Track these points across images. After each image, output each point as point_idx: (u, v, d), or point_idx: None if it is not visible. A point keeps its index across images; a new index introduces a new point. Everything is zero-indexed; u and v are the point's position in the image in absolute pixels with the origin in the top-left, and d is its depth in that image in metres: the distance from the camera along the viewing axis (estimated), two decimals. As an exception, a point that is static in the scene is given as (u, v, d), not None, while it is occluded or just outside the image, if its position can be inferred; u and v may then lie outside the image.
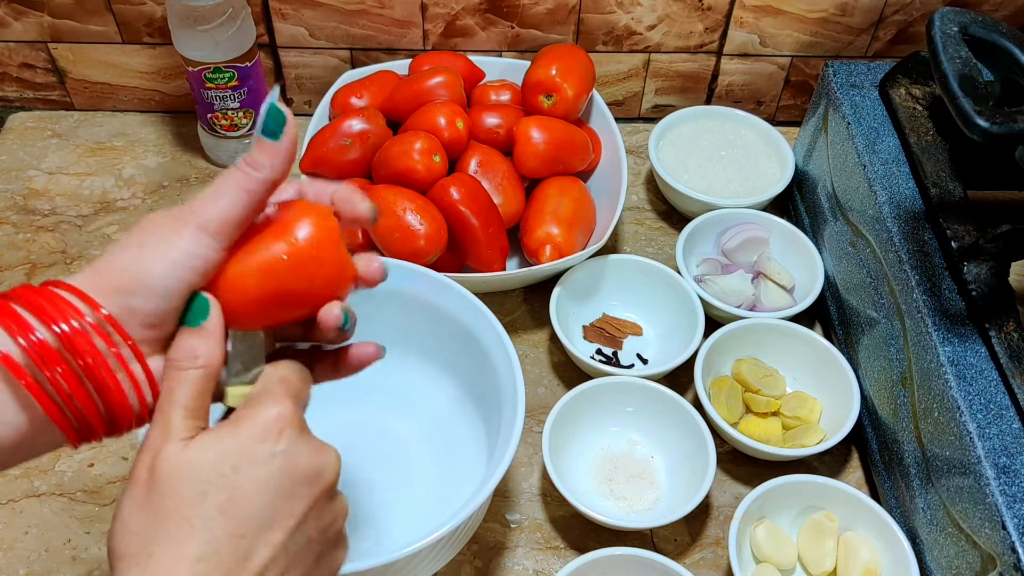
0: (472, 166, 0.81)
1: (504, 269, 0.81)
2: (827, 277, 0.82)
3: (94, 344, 0.40)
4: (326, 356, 0.52)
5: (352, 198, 0.46)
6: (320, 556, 0.44)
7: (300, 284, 0.44)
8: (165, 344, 0.43)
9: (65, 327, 0.39)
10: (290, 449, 0.42)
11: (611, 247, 0.88)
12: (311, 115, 0.89)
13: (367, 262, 0.48)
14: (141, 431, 0.43)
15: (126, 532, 0.39)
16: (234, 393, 0.43)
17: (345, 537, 0.46)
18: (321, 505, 0.43)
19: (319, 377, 0.52)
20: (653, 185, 0.95)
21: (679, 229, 0.84)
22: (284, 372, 0.44)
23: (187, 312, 0.42)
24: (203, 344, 0.42)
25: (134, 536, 0.39)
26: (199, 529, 0.38)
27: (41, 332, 0.39)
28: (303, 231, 0.43)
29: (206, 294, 0.42)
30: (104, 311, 0.40)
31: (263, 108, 0.42)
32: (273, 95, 0.43)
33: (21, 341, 0.39)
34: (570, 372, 0.80)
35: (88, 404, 0.40)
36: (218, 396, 0.44)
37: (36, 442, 0.41)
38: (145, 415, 0.42)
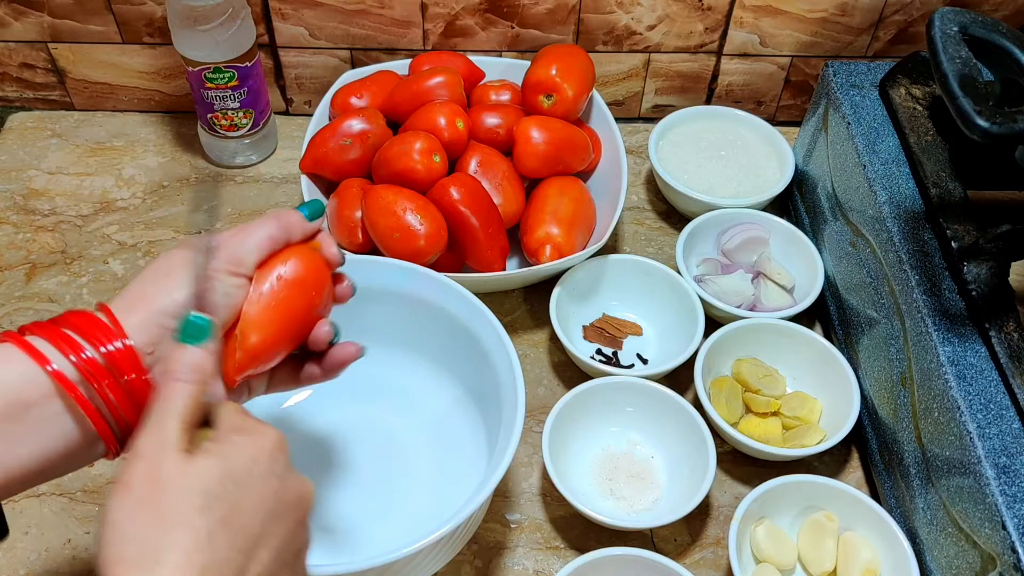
0: (472, 166, 0.81)
1: (504, 269, 0.81)
2: (827, 277, 0.82)
3: (138, 361, 0.45)
4: (314, 360, 0.57)
5: (326, 241, 0.54)
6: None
7: (302, 309, 0.52)
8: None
9: (111, 347, 0.45)
10: (284, 473, 0.44)
11: (611, 247, 0.88)
12: (311, 115, 0.89)
13: (341, 284, 0.57)
14: None
15: (123, 538, 0.39)
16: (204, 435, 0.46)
17: (305, 568, 0.47)
18: (298, 531, 0.45)
19: (310, 380, 0.57)
20: (653, 185, 0.95)
21: (679, 229, 0.84)
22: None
23: (187, 330, 0.45)
24: (206, 362, 0.44)
25: (134, 542, 0.38)
26: (205, 539, 0.39)
27: (90, 351, 0.45)
28: (296, 265, 0.51)
29: (205, 315, 0.45)
30: (129, 341, 0.46)
31: (313, 202, 0.54)
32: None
33: (72, 359, 0.44)
34: (570, 372, 0.80)
35: (132, 416, 0.45)
36: None
37: (81, 454, 0.46)
38: None
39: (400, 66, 0.92)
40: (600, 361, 0.79)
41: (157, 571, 0.38)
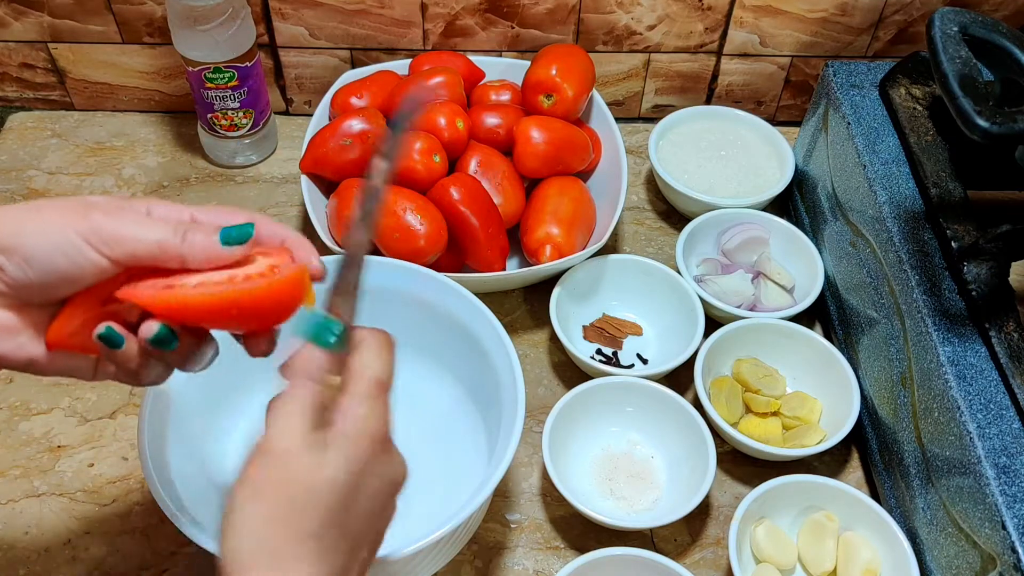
0: (472, 166, 0.81)
1: (504, 269, 0.81)
2: (827, 277, 0.82)
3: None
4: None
5: (304, 249, 0.49)
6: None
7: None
8: (35, 308, 0.45)
9: None
10: (387, 468, 0.43)
11: (611, 247, 0.88)
12: (311, 115, 0.89)
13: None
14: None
15: (254, 542, 0.39)
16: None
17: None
18: (391, 516, 0.45)
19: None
20: (653, 185, 0.95)
21: (679, 229, 0.84)
22: (375, 374, 0.44)
23: (329, 334, 0.43)
24: (353, 361, 0.43)
25: (263, 547, 0.38)
26: (327, 547, 0.39)
27: None
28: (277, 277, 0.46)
29: (343, 323, 0.44)
30: None
31: (244, 225, 0.46)
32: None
33: None
34: (570, 372, 0.80)
35: None
36: None
37: None
38: None
39: (400, 66, 0.92)
40: (600, 361, 0.79)
41: None
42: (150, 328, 0.45)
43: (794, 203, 0.91)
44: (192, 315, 0.45)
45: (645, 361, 0.80)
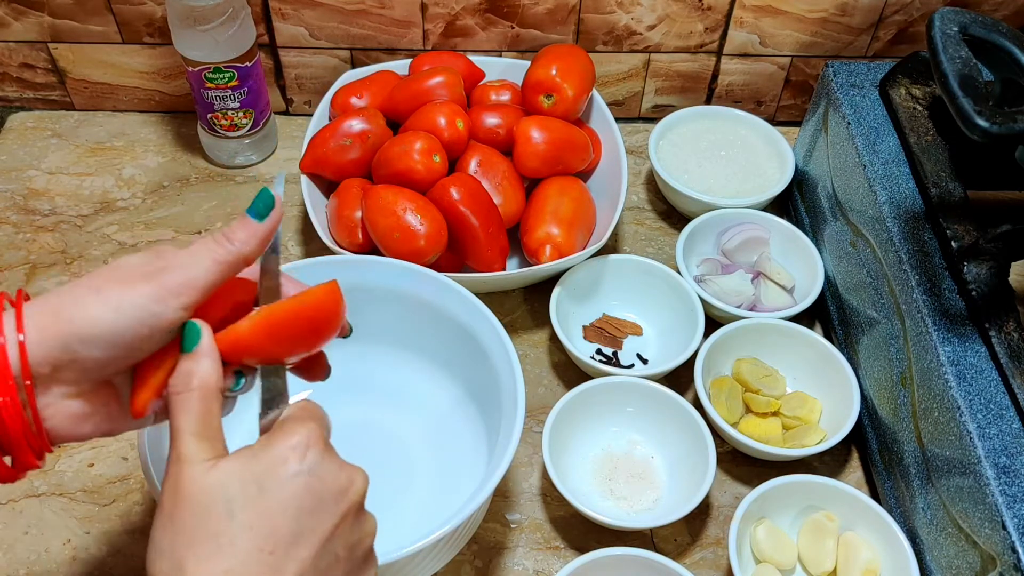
0: (472, 166, 0.81)
1: (504, 269, 0.81)
2: (827, 277, 0.82)
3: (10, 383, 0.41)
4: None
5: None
6: (348, 574, 0.45)
7: (312, 333, 0.48)
8: (102, 385, 0.45)
9: None
10: (314, 468, 0.43)
11: (611, 247, 0.88)
12: (311, 115, 0.89)
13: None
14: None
15: (157, 554, 0.40)
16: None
17: (374, 556, 0.47)
18: (349, 523, 0.44)
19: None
20: (653, 185, 0.95)
21: (679, 229, 0.84)
22: (305, 402, 0.46)
23: (181, 341, 0.44)
24: (196, 366, 0.43)
25: (165, 556, 0.40)
26: (227, 545, 0.40)
27: None
28: (319, 295, 0.47)
29: (196, 321, 0.44)
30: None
31: (260, 191, 0.46)
32: (278, 181, 0.47)
33: None
34: (570, 372, 0.80)
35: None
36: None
37: None
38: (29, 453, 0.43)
39: (400, 66, 0.92)
40: (600, 361, 0.79)
41: None
42: (229, 380, 0.47)
43: (794, 203, 0.91)
44: (263, 344, 0.46)
45: (645, 361, 0.80)
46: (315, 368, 0.52)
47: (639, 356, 0.80)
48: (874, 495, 0.73)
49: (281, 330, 0.46)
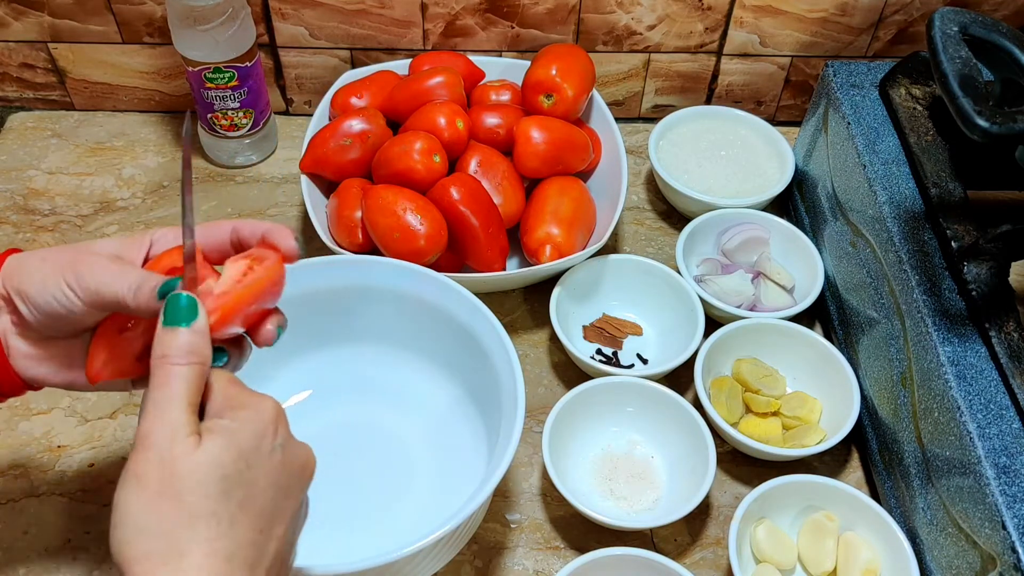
0: (472, 166, 0.81)
1: (504, 269, 0.81)
2: (827, 277, 0.82)
3: None
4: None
5: (283, 234, 0.51)
6: (294, 546, 0.46)
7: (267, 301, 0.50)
8: (37, 340, 0.50)
9: None
10: (285, 443, 0.44)
11: (611, 247, 0.88)
12: (311, 115, 0.89)
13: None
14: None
15: (145, 533, 0.38)
16: None
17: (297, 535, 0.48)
18: (304, 499, 0.46)
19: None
20: (653, 185, 0.95)
21: (679, 229, 0.84)
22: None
23: (172, 312, 0.44)
24: (198, 340, 0.43)
25: (157, 537, 0.38)
26: (227, 526, 0.39)
27: None
28: (270, 262, 0.50)
29: (189, 294, 0.44)
30: None
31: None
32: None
33: None
34: (570, 372, 0.80)
35: None
36: None
37: None
38: None
39: (400, 66, 0.92)
40: (600, 361, 0.79)
41: (183, 563, 0.38)
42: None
43: (794, 203, 0.91)
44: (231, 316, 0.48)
45: (645, 361, 0.80)
46: (262, 331, 0.51)
47: (639, 356, 0.80)
48: (874, 495, 0.73)
49: (258, 298, 0.48)
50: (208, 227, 0.51)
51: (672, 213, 0.93)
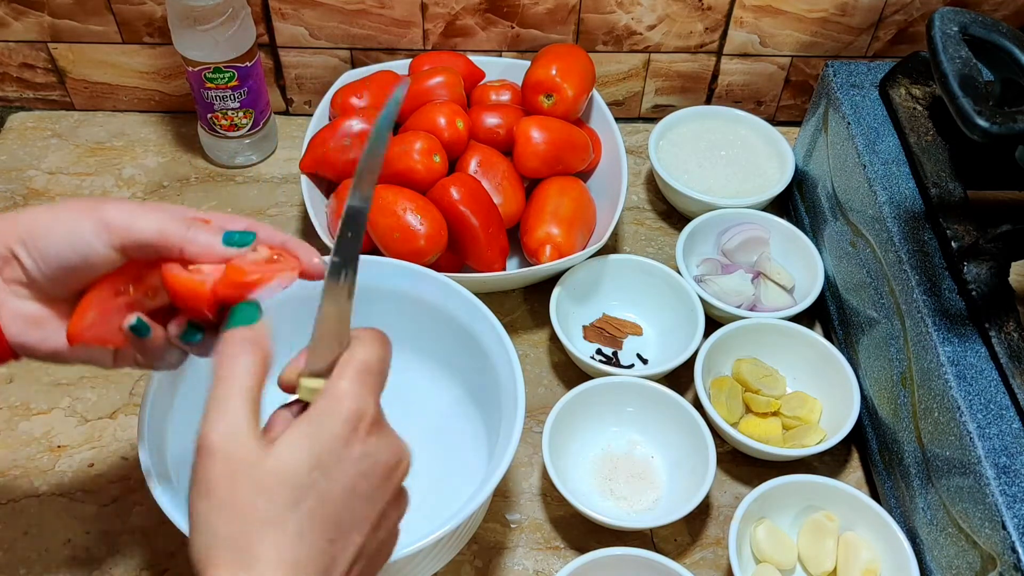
0: (472, 166, 0.81)
1: (504, 269, 0.81)
2: (827, 277, 0.82)
3: None
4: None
5: (308, 252, 0.50)
6: (382, 551, 0.45)
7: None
8: (40, 298, 0.49)
9: None
10: (370, 451, 0.42)
11: (611, 247, 0.88)
12: (311, 115, 0.89)
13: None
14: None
15: (215, 540, 0.38)
16: (307, 386, 0.43)
17: (399, 531, 0.47)
18: (393, 503, 0.44)
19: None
20: (653, 185, 0.95)
21: (679, 229, 0.84)
22: (361, 357, 0.43)
23: (236, 316, 0.44)
24: (261, 334, 0.43)
25: (226, 545, 0.38)
26: (294, 534, 0.39)
27: None
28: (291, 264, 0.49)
29: (255, 301, 0.45)
30: None
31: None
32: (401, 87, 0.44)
33: None
34: (570, 372, 0.80)
35: None
36: (289, 389, 0.44)
37: None
38: None
39: (400, 66, 0.92)
40: (600, 361, 0.79)
41: (252, 571, 0.38)
42: (179, 327, 0.48)
43: (794, 203, 0.91)
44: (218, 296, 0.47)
45: (645, 361, 0.80)
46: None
47: (639, 356, 0.80)
48: (874, 495, 0.73)
49: (265, 288, 0.47)
50: (227, 219, 0.49)
51: (672, 213, 0.93)
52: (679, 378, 0.78)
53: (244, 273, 0.46)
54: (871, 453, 0.74)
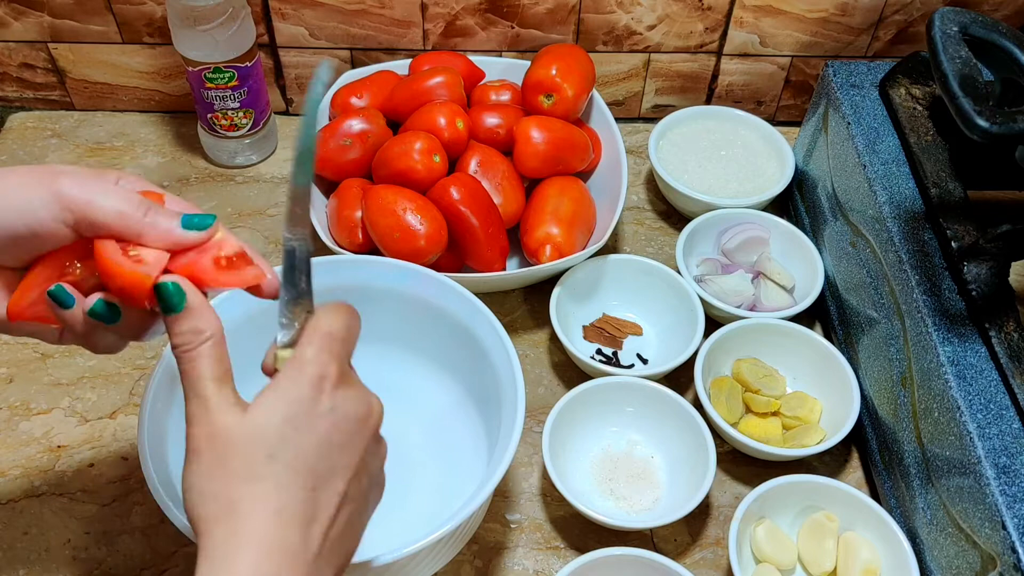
0: (472, 166, 0.81)
1: (504, 269, 0.81)
2: (827, 277, 0.82)
3: None
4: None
5: (263, 264, 0.50)
6: (368, 498, 0.47)
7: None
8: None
9: None
10: (338, 404, 0.44)
11: (611, 247, 0.88)
12: (311, 115, 0.89)
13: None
14: None
15: (203, 497, 0.42)
16: (281, 357, 0.45)
17: (384, 476, 0.50)
18: (371, 450, 0.47)
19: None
20: (653, 185, 0.95)
21: (679, 229, 0.84)
22: (325, 326, 0.46)
23: (163, 303, 0.45)
24: (200, 321, 0.44)
25: (213, 500, 0.41)
26: (273, 486, 0.42)
27: None
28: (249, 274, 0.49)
29: (169, 279, 0.45)
30: None
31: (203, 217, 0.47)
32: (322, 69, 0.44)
33: None
34: (570, 372, 0.80)
35: None
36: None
37: None
38: None
39: (400, 66, 0.92)
40: (600, 361, 0.79)
41: (236, 521, 0.41)
42: (89, 300, 0.47)
43: (794, 203, 0.91)
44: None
45: (645, 361, 0.80)
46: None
47: (639, 356, 0.80)
48: (874, 495, 0.73)
49: (216, 284, 0.47)
50: (188, 206, 0.49)
51: (672, 213, 0.93)
52: (679, 378, 0.78)
53: (203, 283, 0.46)
54: (871, 453, 0.74)
